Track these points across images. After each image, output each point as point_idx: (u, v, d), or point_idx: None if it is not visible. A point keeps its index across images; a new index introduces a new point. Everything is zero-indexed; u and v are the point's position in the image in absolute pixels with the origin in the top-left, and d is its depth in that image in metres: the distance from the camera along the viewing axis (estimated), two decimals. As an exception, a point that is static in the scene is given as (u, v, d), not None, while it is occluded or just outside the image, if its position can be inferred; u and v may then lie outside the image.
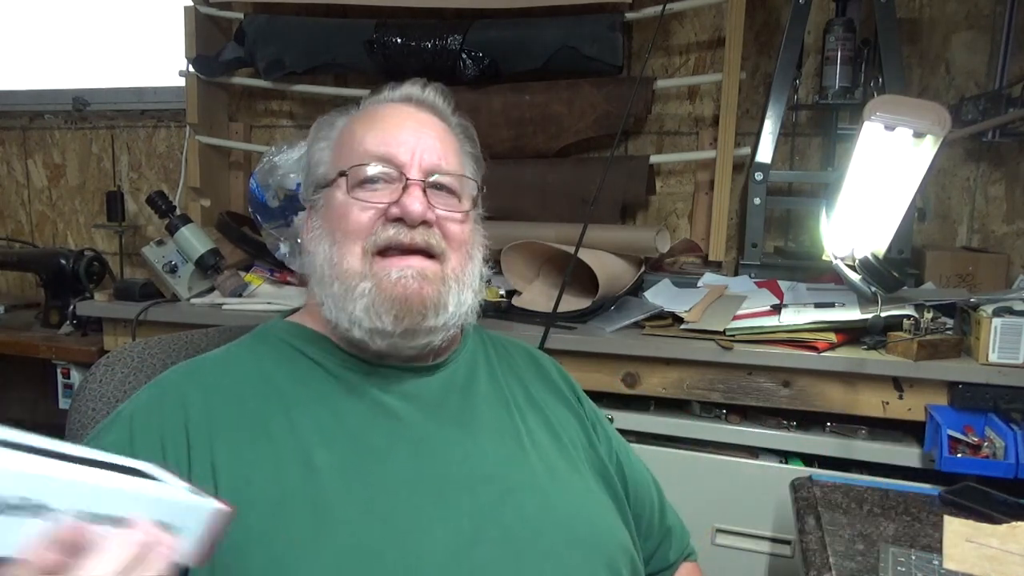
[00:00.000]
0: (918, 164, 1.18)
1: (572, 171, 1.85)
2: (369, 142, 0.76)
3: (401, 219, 0.72)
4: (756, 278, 1.66)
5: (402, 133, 0.77)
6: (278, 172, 1.69)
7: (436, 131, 0.79)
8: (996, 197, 1.76)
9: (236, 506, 0.50)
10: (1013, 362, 1.24)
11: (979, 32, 1.73)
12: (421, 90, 0.82)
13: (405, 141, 0.76)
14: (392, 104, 0.82)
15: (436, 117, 0.82)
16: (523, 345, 0.94)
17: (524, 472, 0.74)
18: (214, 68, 2.07)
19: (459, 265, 0.76)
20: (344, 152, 0.78)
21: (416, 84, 0.83)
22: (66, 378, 1.89)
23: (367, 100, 0.84)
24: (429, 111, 0.82)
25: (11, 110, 2.46)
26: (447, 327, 0.75)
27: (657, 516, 0.90)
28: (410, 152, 0.75)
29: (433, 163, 0.76)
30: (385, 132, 0.77)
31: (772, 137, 1.69)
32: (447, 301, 0.74)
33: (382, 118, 0.79)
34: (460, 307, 0.75)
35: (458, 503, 0.68)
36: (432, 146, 0.77)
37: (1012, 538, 0.90)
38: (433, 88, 0.83)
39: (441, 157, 0.77)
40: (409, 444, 0.71)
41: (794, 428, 1.39)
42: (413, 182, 0.74)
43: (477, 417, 0.77)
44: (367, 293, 0.72)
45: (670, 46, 1.92)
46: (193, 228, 1.80)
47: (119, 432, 0.68)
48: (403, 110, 0.80)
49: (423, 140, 0.77)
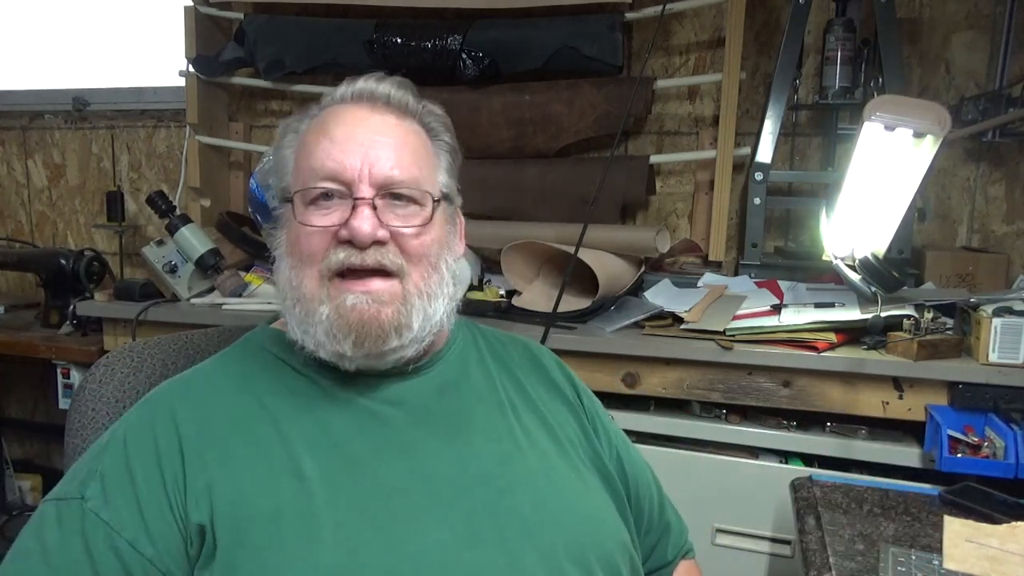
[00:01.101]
0: (918, 164, 1.18)
1: (572, 171, 1.85)
2: (317, 158, 0.72)
3: (351, 240, 0.70)
4: (756, 278, 1.66)
5: (350, 144, 0.72)
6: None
7: (391, 135, 0.74)
8: (996, 197, 1.76)
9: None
10: (1013, 362, 1.24)
11: (979, 32, 1.73)
12: (376, 84, 0.76)
13: (353, 153, 0.71)
14: (345, 107, 0.76)
15: (393, 116, 0.76)
16: (521, 340, 0.92)
17: (519, 471, 0.73)
18: (214, 68, 2.07)
19: (421, 279, 0.73)
20: (300, 166, 0.75)
21: (371, 79, 0.77)
22: (66, 378, 1.89)
23: (325, 100, 0.79)
24: (386, 109, 0.76)
25: (11, 110, 2.46)
26: (416, 340, 0.73)
27: (656, 512, 0.90)
28: (359, 165, 0.71)
29: (384, 175, 0.71)
30: (333, 145, 0.72)
31: (772, 137, 1.69)
32: (409, 322, 0.71)
33: (333, 127, 0.74)
34: (428, 321, 0.73)
35: (451, 505, 0.68)
36: (384, 155, 0.72)
37: (1012, 538, 0.90)
38: (391, 81, 0.77)
39: (395, 166, 0.72)
40: (397, 449, 0.71)
41: (794, 428, 1.39)
42: (361, 201, 0.70)
43: (468, 417, 0.77)
44: (325, 319, 0.70)
45: (670, 46, 1.92)
46: (193, 228, 1.80)
47: (114, 454, 0.67)
48: (356, 115, 0.75)
49: (374, 150, 0.72)
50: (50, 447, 2.55)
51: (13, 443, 2.57)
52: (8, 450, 2.51)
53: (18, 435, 2.58)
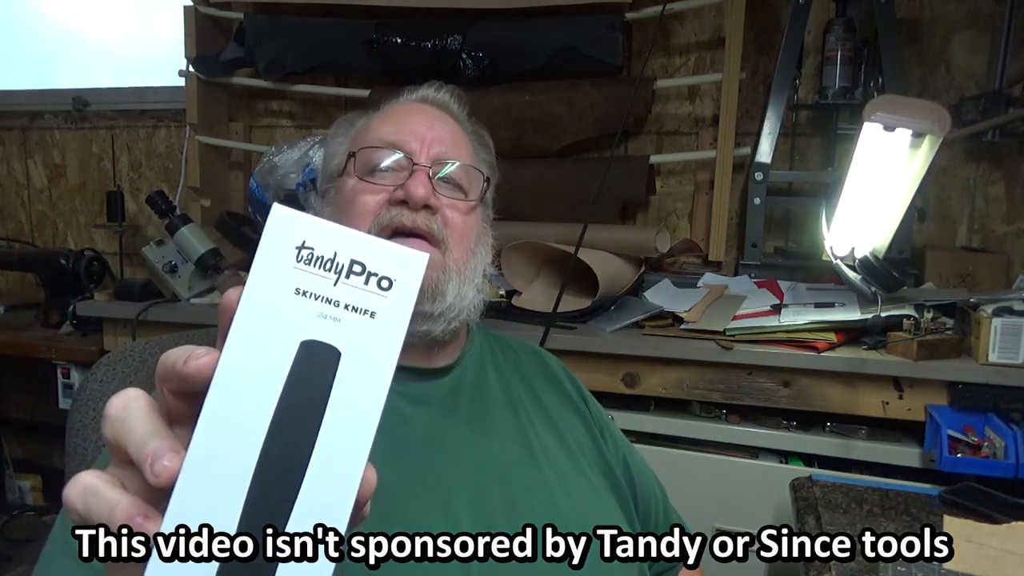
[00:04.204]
0: (918, 164, 1.18)
1: (572, 171, 1.85)
2: (382, 131, 0.78)
3: (405, 202, 0.74)
4: (756, 278, 1.66)
5: (413, 123, 0.78)
6: (278, 172, 1.69)
7: (448, 126, 0.81)
8: (996, 197, 1.76)
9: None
10: (1013, 362, 1.24)
11: (979, 32, 1.73)
12: (436, 91, 0.84)
13: (416, 130, 0.77)
14: (409, 103, 0.84)
15: (451, 118, 0.83)
16: (530, 345, 0.93)
17: (533, 476, 0.74)
18: (214, 68, 2.07)
19: (461, 258, 0.76)
20: (357, 143, 0.80)
21: (431, 86, 0.84)
22: (66, 378, 1.89)
23: (385, 102, 0.86)
24: (443, 110, 0.83)
25: (11, 110, 2.46)
26: (445, 318, 0.74)
27: (662, 516, 0.91)
28: (419, 140, 0.76)
29: (442, 152, 0.77)
30: (398, 123, 0.78)
31: (772, 137, 1.69)
32: (445, 289, 0.73)
33: (396, 111, 0.81)
34: (460, 300, 0.74)
35: (468, 507, 0.68)
36: (442, 137, 0.78)
37: (1012, 538, 0.90)
38: (448, 90, 0.85)
39: (450, 148, 0.78)
40: (418, 448, 0.71)
41: (794, 428, 1.39)
42: (420, 167, 0.75)
43: (487, 419, 0.77)
44: None
45: (670, 46, 1.92)
46: (193, 228, 1.80)
47: None
48: (416, 106, 0.82)
49: (433, 130, 0.78)
50: (50, 447, 2.55)
51: (13, 443, 2.57)
52: (8, 450, 2.51)
53: (18, 435, 2.58)
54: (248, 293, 0.33)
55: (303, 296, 0.33)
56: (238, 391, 0.32)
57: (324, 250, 0.34)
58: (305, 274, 0.33)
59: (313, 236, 0.34)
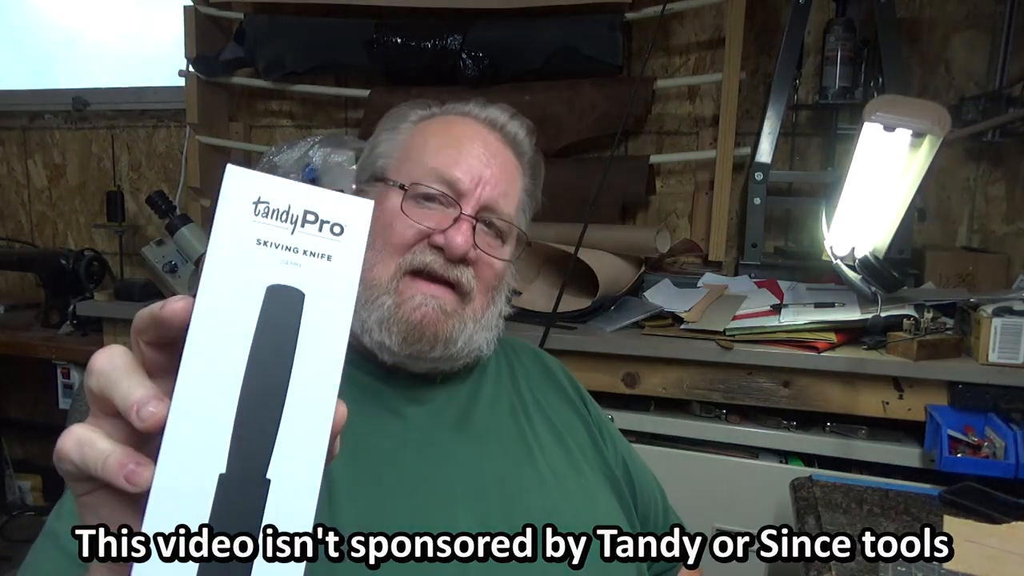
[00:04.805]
0: (918, 164, 1.18)
1: (572, 171, 1.85)
2: (436, 158, 0.75)
3: (442, 248, 0.72)
4: (756, 278, 1.66)
5: (471, 158, 0.75)
6: (278, 172, 1.69)
7: (505, 166, 0.78)
8: (996, 197, 1.76)
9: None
10: (1013, 362, 1.24)
11: (979, 32, 1.73)
12: (508, 119, 0.80)
13: (472, 167, 0.75)
14: (473, 121, 0.80)
15: (511, 151, 0.80)
16: (529, 346, 0.93)
17: (530, 477, 0.74)
18: (214, 68, 2.07)
19: (481, 307, 0.76)
20: (411, 156, 0.78)
21: (505, 112, 0.81)
22: (66, 378, 1.89)
23: (451, 104, 0.83)
24: (505, 142, 0.80)
25: (11, 110, 2.46)
26: (453, 359, 0.74)
27: (661, 517, 0.91)
28: (474, 180, 0.74)
29: (492, 199, 0.75)
30: (455, 152, 0.75)
31: (772, 137, 1.69)
32: (456, 337, 0.73)
33: (457, 136, 0.77)
34: (469, 345, 0.75)
35: (467, 506, 0.68)
36: (496, 179, 0.76)
37: (1012, 538, 0.90)
38: (519, 121, 0.81)
39: (502, 195, 0.76)
40: (415, 447, 0.71)
41: (794, 428, 1.39)
42: (465, 217, 0.73)
43: (483, 421, 0.77)
44: (385, 308, 0.71)
45: (670, 46, 1.92)
46: (193, 228, 1.80)
47: None
48: (480, 132, 0.79)
49: (490, 168, 0.76)
50: (50, 447, 2.47)
51: (13, 443, 2.57)
52: (8, 450, 2.51)
53: (18, 435, 2.58)
54: (213, 246, 0.35)
55: (264, 246, 0.36)
56: (214, 334, 0.35)
57: (279, 203, 0.37)
58: (264, 226, 0.36)
59: (267, 191, 0.36)
